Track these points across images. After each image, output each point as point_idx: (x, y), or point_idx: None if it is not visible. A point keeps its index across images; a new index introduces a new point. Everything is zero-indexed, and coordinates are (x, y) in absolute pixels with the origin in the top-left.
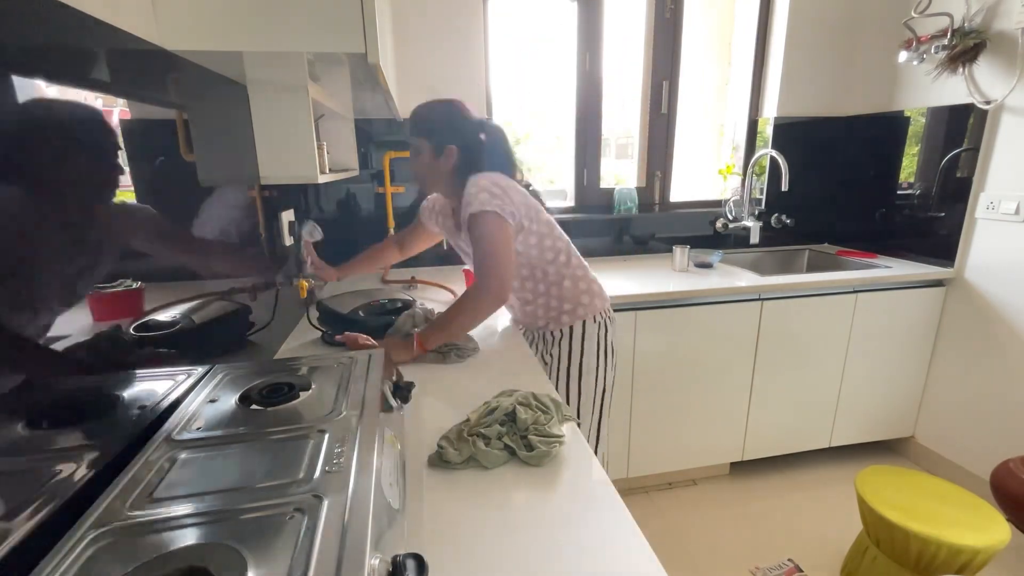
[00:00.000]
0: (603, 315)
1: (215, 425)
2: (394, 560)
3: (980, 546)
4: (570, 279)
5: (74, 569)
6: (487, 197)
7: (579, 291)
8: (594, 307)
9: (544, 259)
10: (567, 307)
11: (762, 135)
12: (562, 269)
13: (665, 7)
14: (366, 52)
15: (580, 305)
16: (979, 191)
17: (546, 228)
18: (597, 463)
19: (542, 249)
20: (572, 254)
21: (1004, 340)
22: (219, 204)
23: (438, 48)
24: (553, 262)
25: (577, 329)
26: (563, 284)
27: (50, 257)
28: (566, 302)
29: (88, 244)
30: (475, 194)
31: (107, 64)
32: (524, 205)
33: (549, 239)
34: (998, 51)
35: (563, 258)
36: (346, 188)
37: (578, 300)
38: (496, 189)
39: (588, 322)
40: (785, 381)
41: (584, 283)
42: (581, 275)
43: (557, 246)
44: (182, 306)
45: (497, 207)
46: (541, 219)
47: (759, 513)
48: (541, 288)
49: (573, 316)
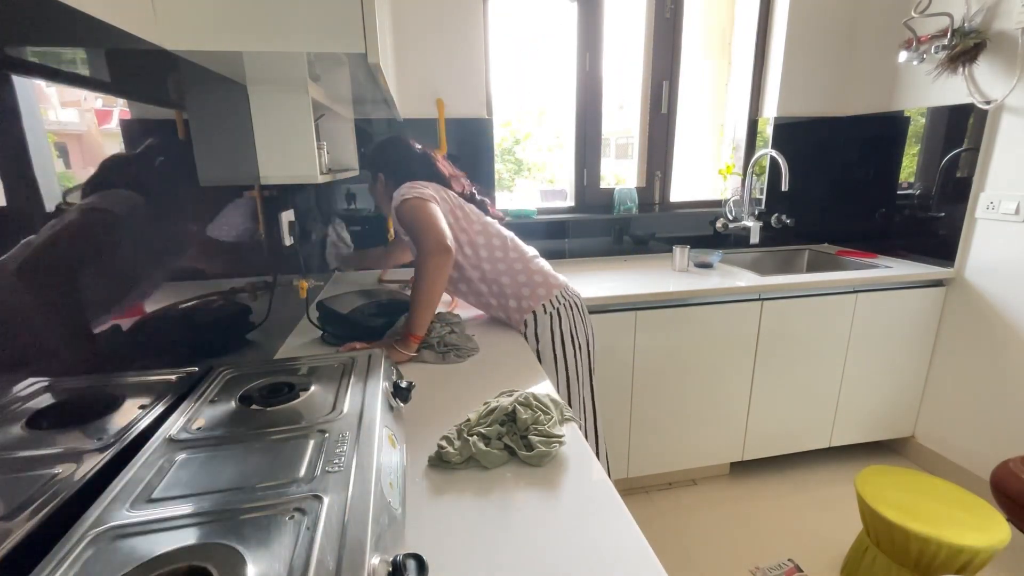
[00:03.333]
0: (554, 303)
1: (215, 425)
2: (394, 560)
3: (980, 546)
4: (507, 274)
5: (74, 569)
6: (405, 189)
7: (518, 284)
8: (538, 296)
9: (479, 256)
10: (512, 303)
11: (762, 135)
12: (498, 264)
13: (665, 7)
14: (366, 52)
15: (523, 298)
16: (979, 191)
17: (476, 226)
18: (597, 463)
19: (475, 247)
20: (509, 249)
21: (1004, 340)
22: (219, 204)
23: (438, 48)
24: (488, 259)
25: (531, 322)
26: (501, 280)
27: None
28: (510, 298)
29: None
30: (396, 195)
31: (107, 64)
32: (445, 201)
33: (481, 236)
34: (998, 51)
35: (499, 254)
36: (346, 188)
37: (520, 294)
38: (414, 185)
39: (539, 313)
40: (785, 381)
41: (523, 275)
42: (520, 268)
43: (491, 243)
44: (182, 306)
45: (415, 194)
46: (469, 217)
47: (759, 513)
48: (483, 287)
49: (521, 311)
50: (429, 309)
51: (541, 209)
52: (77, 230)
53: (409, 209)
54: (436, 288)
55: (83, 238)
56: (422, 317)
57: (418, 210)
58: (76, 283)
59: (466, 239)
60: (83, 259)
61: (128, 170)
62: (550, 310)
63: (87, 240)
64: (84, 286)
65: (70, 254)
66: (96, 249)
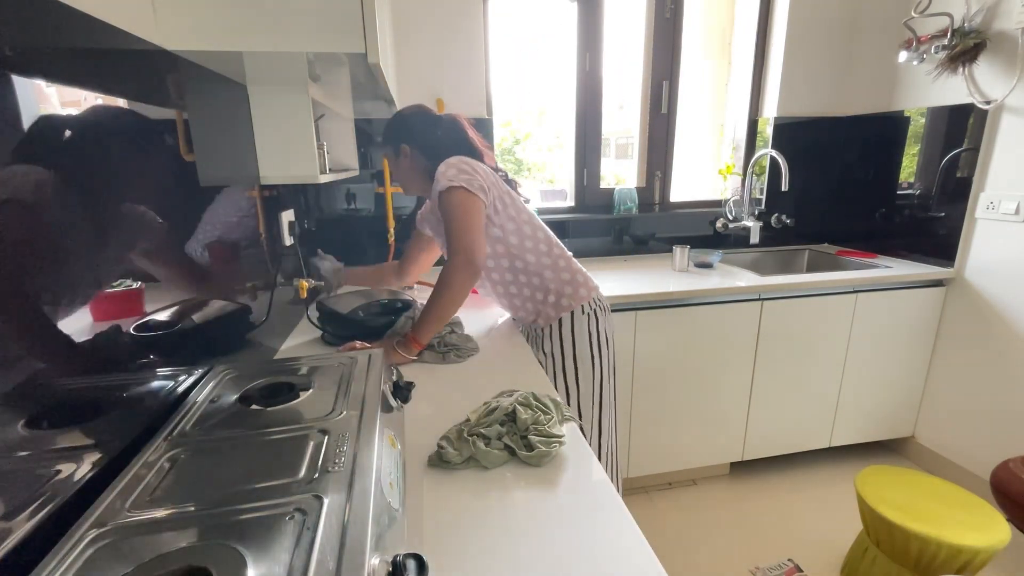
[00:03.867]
0: (592, 304)
1: (215, 425)
2: (394, 560)
3: (980, 546)
4: (551, 269)
5: (74, 569)
6: (455, 173)
7: (562, 281)
8: (579, 297)
9: (523, 247)
10: (551, 299)
11: (762, 135)
12: (542, 259)
13: (665, 7)
14: (366, 52)
15: (564, 296)
16: (979, 191)
17: (524, 215)
18: (597, 463)
19: (521, 237)
20: (553, 243)
21: (1004, 340)
22: (219, 204)
23: (438, 48)
24: (532, 251)
25: (566, 321)
26: (544, 274)
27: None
28: (550, 294)
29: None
30: (444, 172)
31: (107, 64)
32: (496, 186)
33: (528, 227)
34: (998, 51)
35: (543, 247)
36: (346, 188)
37: (562, 291)
38: (465, 166)
39: (576, 313)
40: (785, 381)
41: (567, 273)
42: (564, 265)
43: (536, 235)
44: (182, 306)
45: (465, 182)
46: (517, 205)
47: (759, 513)
48: (523, 279)
49: (559, 308)
50: (441, 322)
51: (541, 209)
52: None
53: (454, 201)
54: (455, 304)
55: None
56: (431, 327)
57: (464, 207)
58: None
59: (513, 228)
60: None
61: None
62: (588, 311)
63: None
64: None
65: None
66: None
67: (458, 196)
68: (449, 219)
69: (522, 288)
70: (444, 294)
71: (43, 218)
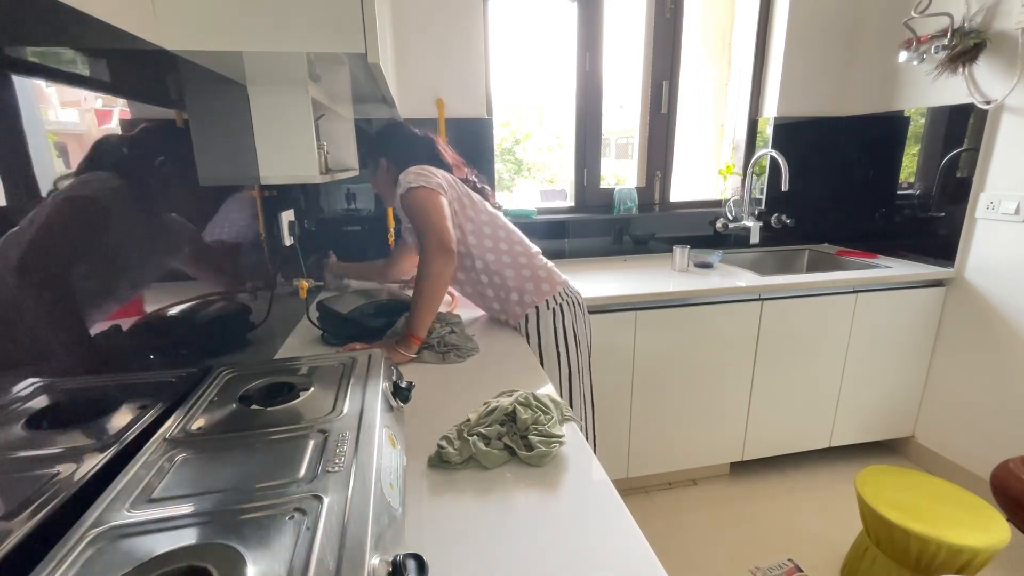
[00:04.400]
0: (557, 299)
1: (215, 425)
2: (394, 560)
3: (980, 546)
4: (511, 267)
5: (74, 570)
6: (412, 177)
7: (523, 278)
8: (542, 292)
9: (483, 247)
10: (514, 296)
11: (762, 135)
12: (502, 257)
13: (665, 7)
14: (366, 52)
15: (526, 292)
16: (979, 191)
17: (484, 216)
18: (597, 463)
19: (480, 237)
20: (514, 242)
21: (1004, 340)
22: (219, 204)
23: (438, 48)
24: (492, 250)
25: (531, 317)
26: (504, 273)
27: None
28: (512, 291)
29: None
30: (403, 178)
31: (107, 64)
32: (454, 188)
33: (488, 227)
34: (998, 51)
35: (503, 246)
36: (346, 188)
37: (523, 288)
38: (422, 171)
39: (541, 308)
40: (785, 381)
41: (528, 270)
42: (524, 262)
43: (496, 234)
44: (182, 306)
45: (423, 182)
46: (476, 206)
47: (759, 513)
48: (484, 279)
49: (523, 305)
50: (430, 311)
51: (541, 209)
52: (66, 220)
53: (415, 199)
54: (438, 289)
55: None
56: (423, 318)
57: (425, 201)
58: (69, 278)
59: (472, 228)
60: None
61: (118, 154)
62: (552, 306)
63: (76, 231)
64: (78, 281)
65: (60, 246)
66: (86, 241)
67: (419, 194)
68: (415, 215)
69: (486, 288)
70: (425, 281)
71: (108, 220)
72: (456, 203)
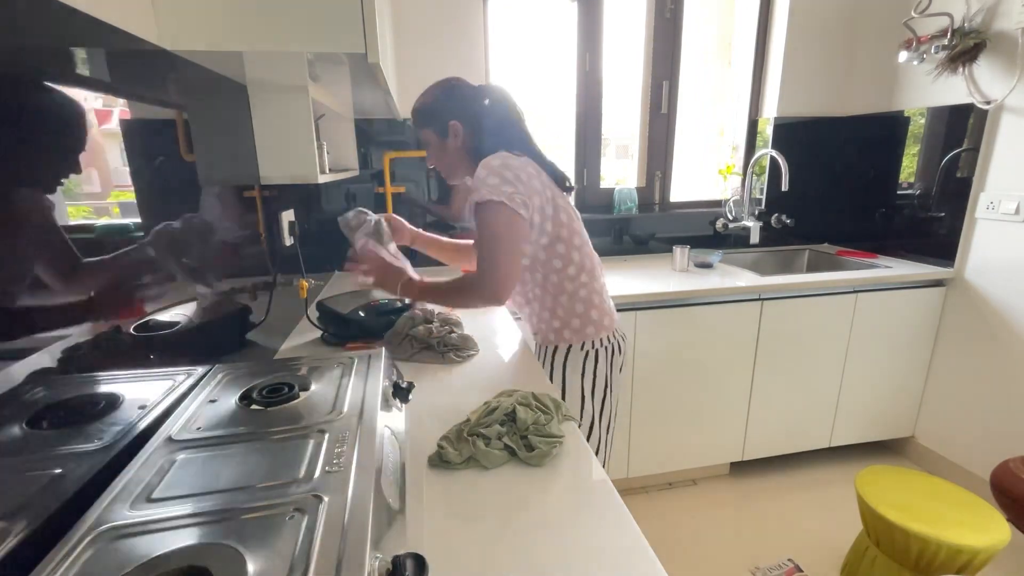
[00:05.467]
0: (596, 344)
1: (215, 425)
2: (394, 560)
3: (980, 546)
4: (568, 295)
5: (74, 569)
6: (496, 183)
7: (573, 313)
8: (585, 334)
9: (551, 266)
10: (556, 324)
11: (762, 135)
12: (565, 283)
13: (665, 7)
14: (366, 52)
15: (568, 328)
16: (979, 191)
17: (564, 231)
18: (597, 463)
19: (550, 254)
20: (584, 270)
21: (1004, 340)
22: (219, 204)
23: (438, 48)
24: (560, 271)
25: (561, 352)
26: (559, 298)
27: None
28: (556, 319)
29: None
30: (483, 178)
31: (107, 64)
32: (540, 195)
33: (563, 245)
34: (998, 51)
35: (572, 271)
36: (346, 188)
37: (568, 322)
38: (508, 173)
39: (574, 348)
40: (785, 381)
41: (582, 306)
42: (583, 296)
43: (570, 256)
44: (182, 306)
45: (507, 196)
46: (557, 219)
47: (759, 513)
48: (537, 292)
49: (559, 337)
50: (438, 304)
51: None
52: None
53: (493, 220)
54: (463, 308)
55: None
56: (429, 300)
57: (503, 230)
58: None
59: (546, 242)
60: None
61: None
62: (588, 348)
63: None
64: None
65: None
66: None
67: (499, 215)
68: (485, 237)
69: (533, 301)
70: (458, 299)
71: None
72: (537, 214)
